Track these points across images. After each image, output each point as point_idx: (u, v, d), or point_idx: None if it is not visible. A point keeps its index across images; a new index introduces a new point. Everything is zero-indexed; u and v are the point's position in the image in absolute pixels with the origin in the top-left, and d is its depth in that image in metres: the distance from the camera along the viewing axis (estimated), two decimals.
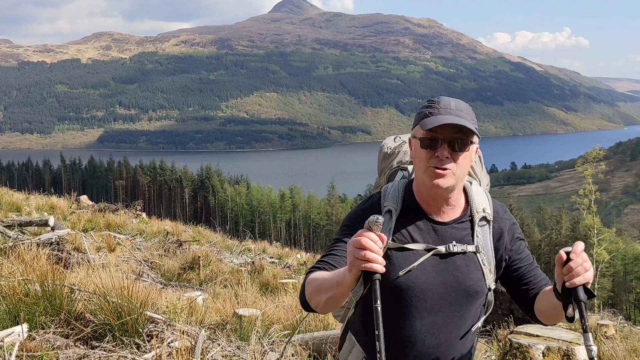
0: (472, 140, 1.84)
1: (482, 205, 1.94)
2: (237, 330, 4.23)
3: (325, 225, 78.37)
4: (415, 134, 1.88)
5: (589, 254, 42.98)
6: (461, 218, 1.92)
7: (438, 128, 1.79)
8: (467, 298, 1.89)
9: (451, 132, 1.80)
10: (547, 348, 5.07)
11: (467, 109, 1.86)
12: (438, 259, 1.88)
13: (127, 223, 12.89)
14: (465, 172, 1.87)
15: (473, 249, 1.89)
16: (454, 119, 1.78)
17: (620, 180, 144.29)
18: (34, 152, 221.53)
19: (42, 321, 3.39)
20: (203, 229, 18.72)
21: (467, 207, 1.94)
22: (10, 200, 12.10)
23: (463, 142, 1.82)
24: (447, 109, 1.82)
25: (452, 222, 1.91)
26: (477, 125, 1.89)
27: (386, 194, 1.98)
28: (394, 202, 1.94)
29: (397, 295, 1.89)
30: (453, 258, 1.88)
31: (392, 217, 1.91)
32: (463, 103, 1.87)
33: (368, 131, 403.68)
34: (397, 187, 1.99)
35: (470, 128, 1.79)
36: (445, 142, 1.80)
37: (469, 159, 1.87)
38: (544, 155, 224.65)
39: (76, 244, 7.57)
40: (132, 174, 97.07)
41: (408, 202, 1.95)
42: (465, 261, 1.89)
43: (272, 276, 9.15)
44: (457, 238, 1.89)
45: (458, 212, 1.93)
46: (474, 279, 1.88)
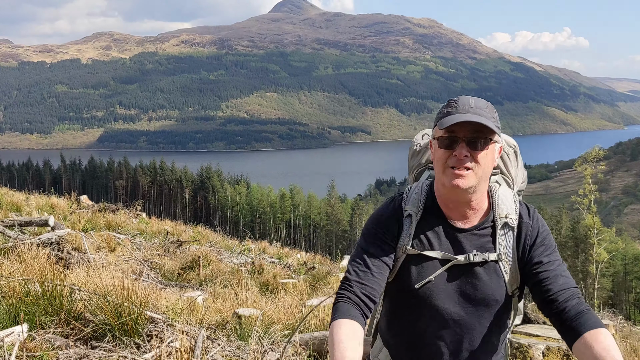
0: (493, 138, 1.77)
1: (505, 210, 1.85)
2: (237, 330, 4.23)
3: (325, 225, 78.36)
4: (435, 135, 1.82)
5: (589, 254, 43.06)
6: (483, 224, 1.85)
7: (456, 127, 1.74)
8: (487, 307, 1.83)
9: (470, 131, 1.74)
10: (547, 348, 5.07)
11: (487, 107, 1.80)
12: (458, 268, 1.82)
13: (127, 223, 12.89)
14: (487, 173, 1.79)
15: (494, 257, 1.81)
16: (472, 117, 1.72)
17: (620, 180, 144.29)
18: (34, 152, 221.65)
19: (42, 321, 3.39)
20: (203, 229, 18.72)
21: (490, 212, 1.86)
22: (11, 200, 12.10)
23: (482, 140, 1.75)
24: (466, 107, 1.76)
25: (473, 228, 1.84)
26: (498, 122, 1.82)
27: (408, 196, 1.92)
28: (415, 205, 1.89)
29: (416, 305, 1.87)
30: (474, 266, 1.82)
31: (412, 221, 1.86)
32: (483, 101, 1.81)
33: (368, 131, 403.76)
34: (420, 188, 1.93)
35: (489, 126, 1.72)
36: (464, 140, 1.74)
37: (491, 159, 1.79)
38: (544, 155, 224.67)
39: (76, 243, 7.57)
40: (132, 174, 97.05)
41: (430, 205, 1.89)
42: (486, 270, 1.82)
43: (272, 276, 9.15)
44: (477, 246, 1.83)
45: (481, 217, 1.85)
46: (494, 287, 1.82)
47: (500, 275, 1.82)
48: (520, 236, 1.84)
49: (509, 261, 1.83)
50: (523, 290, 1.93)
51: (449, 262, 1.82)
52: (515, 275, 1.85)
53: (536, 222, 1.87)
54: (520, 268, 1.84)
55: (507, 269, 1.83)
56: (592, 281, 42.00)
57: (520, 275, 1.85)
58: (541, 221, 1.88)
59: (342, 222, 76.62)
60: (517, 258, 1.84)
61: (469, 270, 1.82)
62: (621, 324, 8.59)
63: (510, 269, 1.83)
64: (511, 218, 1.84)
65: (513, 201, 1.89)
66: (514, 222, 1.84)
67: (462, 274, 1.82)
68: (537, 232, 1.85)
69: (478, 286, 1.82)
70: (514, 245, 1.84)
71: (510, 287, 1.84)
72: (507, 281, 1.83)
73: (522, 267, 1.84)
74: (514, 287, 1.86)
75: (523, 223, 1.86)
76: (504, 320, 1.89)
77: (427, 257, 1.83)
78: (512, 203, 1.88)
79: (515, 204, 1.89)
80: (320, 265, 13.41)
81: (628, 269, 50.28)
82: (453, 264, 1.82)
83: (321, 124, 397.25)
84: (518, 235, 1.85)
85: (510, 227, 1.84)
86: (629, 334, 7.43)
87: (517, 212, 1.87)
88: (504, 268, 1.82)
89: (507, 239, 1.84)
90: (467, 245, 1.83)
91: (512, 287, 1.85)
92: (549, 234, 1.87)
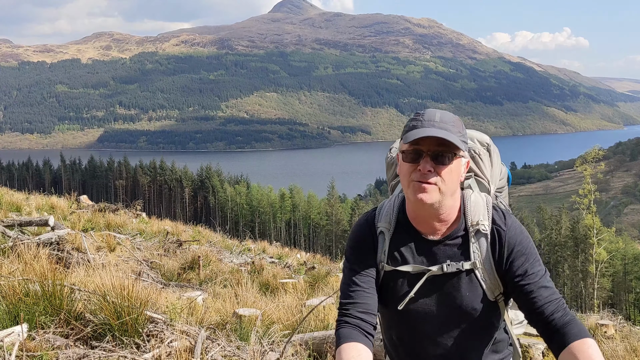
0: (458, 153, 1.74)
1: (477, 217, 1.81)
2: (237, 330, 4.23)
3: (325, 225, 78.34)
4: (400, 148, 1.79)
5: (589, 254, 43.05)
6: (455, 233, 1.82)
7: (421, 141, 1.71)
8: (468, 316, 1.81)
9: (434, 145, 1.71)
10: (547, 348, 5.07)
11: (453, 121, 1.76)
12: (436, 280, 1.81)
13: (127, 223, 12.88)
14: (452, 188, 1.76)
15: (469, 266, 1.79)
16: (437, 132, 1.69)
17: (620, 180, 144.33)
18: (34, 152, 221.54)
19: (42, 321, 3.39)
20: (203, 229, 18.71)
21: (461, 220, 1.82)
22: (11, 200, 12.09)
23: (447, 155, 1.71)
24: (431, 121, 1.73)
25: (445, 238, 1.81)
26: (465, 137, 1.79)
27: (381, 212, 1.92)
28: (387, 221, 1.88)
29: (399, 320, 1.89)
30: (450, 277, 1.80)
31: (385, 238, 1.86)
32: (450, 115, 1.77)
33: (368, 131, 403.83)
34: (393, 203, 1.92)
35: (453, 141, 1.69)
36: (428, 155, 1.71)
37: (456, 174, 1.75)
38: (544, 155, 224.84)
39: (76, 243, 7.57)
40: (132, 173, 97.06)
41: (402, 219, 1.87)
42: (462, 279, 1.80)
43: (272, 276, 9.14)
44: (451, 256, 1.80)
45: (451, 227, 1.82)
46: (472, 297, 1.80)
47: (477, 283, 1.80)
48: (495, 243, 1.80)
49: (486, 269, 1.80)
50: (509, 296, 1.87)
51: (424, 275, 1.80)
52: (496, 282, 1.81)
53: (513, 229, 1.81)
54: (500, 276, 1.80)
55: (484, 276, 1.80)
56: (591, 281, 42.02)
57: (502, 284, 1.82)
58: (518, 227, 1.82)
59: (342, 222, 76.59)
60: (495, 265, 1.80)
61: (446, 282, 1.80)
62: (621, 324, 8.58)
63: (488, 276, 1.80)
64: (483, 225, 1.80)
65: (485, 207, 1.84)
66: (486, 228, 1.80)
67: (440, 285, 1.81)
68: (516, 241, 1.79)
69: (456, 296, 1.80)
70: (489, 252, 1.80)
71: (491, 294, 1.82)
72: (486, 289, 1.80)
73: (501, 275, 1.80)
74: (497, 293, 1.83)
75: (497, 229, 1.80)
76: (490, 324, 1.87)
77: (402, 273, 1.82)
78: (484, 209, 1.83)
79: (488, 209, 1.84)
80: (320, 265, 13.41)
81: (628, 268, 50.28)
82: (429, 276, 1.80)
83: (321, 124, 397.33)
84: (492, 242, 1.80)
85: (483, 233, 1.80)
86: (628, 334, 7.42)
87: (490, 218, 1.82)
88: (481, 276, 1.79)
89: (481, 246, 1.80)
90: (440, 257, 1.81)
91: (494, 293, 1.82)
92: (528, 241, 1.81)
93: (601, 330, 7.30)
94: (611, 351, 5.49)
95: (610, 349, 5.56)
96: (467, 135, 1.89)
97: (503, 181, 2.18)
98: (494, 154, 2.10)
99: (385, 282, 1.86)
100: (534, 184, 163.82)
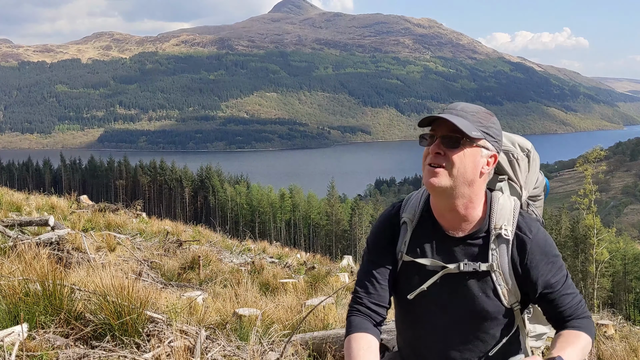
0: (475, 141, 1.73)
1: (501, 222, 1.78)
2: (237, 330, 4.24)
3: (325, 225, 78.34)
4: (419, 134, 1.82)
5: (589, 254, 43.05)
6: (477, 233, 1.80)
7: (435, 125, 1.74)
8: (480, 319, 1.80)
9: (446, 130, 1.72)
10: (547, 348, 5.06)
11: (476, 111, 1.77)
12: (451, 278, 1.80)
13: (127, 223, 12.87)
14: (467, 176, 1.73)
15: (486, 268, 1.76)
16: (447, 116, 1.70)
17: (619, 180, 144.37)
18: (34, 151, 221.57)
19: (42, 321, 3.39)
20: (203, 229, 18.70)
21: (485, 221, 1.80)
22: (11, 200, 12.09)
23: (458, 140, 1.71)
24: (452, 109, 1.76)
25: (466, 237, 1.80)
26: (488, 129, 1.77)
27: (407, 203, 1.94)
28: (412, 213, 1.89)
29: (410, 313, 1.90)
30: (465, 277, 1.78)
31: (408, 229, 1.88)
32: (475, 107, 1.78)
33: (368, 131, 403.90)
34: (420, 195, 1.93)
35: (460, 127, 1.68)
36: (439, 137, 1.73)
37: (471, 162, 1.73)
38: (544, 155, 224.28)
39: (76, 243, 7.57)
40: (132, 173, 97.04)
41: (427, 212, 1.88)
42: (479, 281, 1.78)
43: (272, 276, 9.13)
44: (470, 255, 1.79)
45: (474, 226, 1.80)
46: (486, 300, 1.77)
47: (493, 287, 1.78)
48: (517, 250, 1.78)
49: (504, 274, 1.78)
50: (526, 305, 1.88)
51: (440, 270, 1.80)
52: (514, 290, 1.79)
53: (537, 237, 1.79)
54: (520, 284, 1.79)
55: (500, 281, 1.78)
56: (591, 281, 42.01)
57: (522, 292, 1.81)
58: (543, 237, 1.80)
59: (341, 222, 76.59)
60: (514, 273, 1.78)
61: (461, 281, 1.79)
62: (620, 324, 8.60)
63: (505, 282, 1.78)
64: (506, 230, 1.78)
65: (512, 212, 1.81)
66: (509, 234, 1.78)
67: (454, 284, 1.80)
68: (540, 250, 1.78)
69: (468, 297, 1.79)
70: (510, 259, 1.77)
71: (507, 301, 1.79)
72: (503, 294, 1.78)
73: (522, 283, 1.79)
74: (513, 301, 1.81)
75: (521, 237, 1.78)
76: (501, 330, 1.84)
77: (420, 265, 1.83)
78: (510, 214, 1.81)
79: (514, 214, 1.81)
80: (320, 265, 13.41)
81: (627, 268, 50.29)
82: (445, 273, 1.80)
83: (321, 124, 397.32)
84: (514, 249, 1.78)
85: (505, 239, 1.77)
86: (628, 334, 7.43)
87: (515, 224, 1.80)
88: (497, 280, 1.77)
89: (501, 251, 1.78)
90: (459, 255, 1.80)
91: (510, 300, 1.80)
92: (553, 249, 1.81)
93: (601, 330, 7.30)
94: (611, 351, 5.50)
95: (610, 349, 5.56)
96: (501, 133, 1.86)
97: (538, 190, 2.16)
98: (533, 161, 2.09)
99: (403, 271, 1.88)
100: None
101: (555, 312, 1.78)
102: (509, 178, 2.03)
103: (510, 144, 2.06)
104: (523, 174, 2.05)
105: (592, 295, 39.62)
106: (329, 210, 77.55)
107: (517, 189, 2.03)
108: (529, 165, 2.08)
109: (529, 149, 2.08)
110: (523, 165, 2.05)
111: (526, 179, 2.06)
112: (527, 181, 2.07)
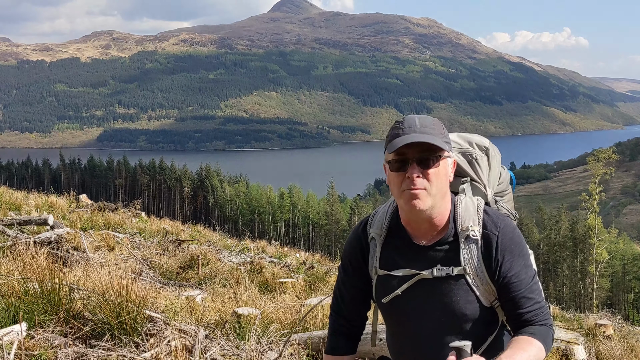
0: (442, 154, 1.75)
1: (467, 223, 1.80)
2: (236, 330, 4.24)
3: (325, 224, 78.31)
4: (386, 158, 1.80)
5: (589, 254, 43.01)
6: (446, 238, 1.81)
7: (405, 148, 1.72)
8: (460, 321, 1.81)
9: (419, 151, 1.73)
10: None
11: (433, 124, 1.77)
12: (426, 284, 1.81)
13: (126, 222, 12.86)
14: (442, 190, 1.77)
15: (459, 271, 1.78)
16: (419, 137, 1.71)
17: (619, 181, 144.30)
18: (33, 151, 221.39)
19: (41, 320, 3.38)
20: (202, 228, 18.72)
21: (451, 225, 1.82)
22: (10, 199, 12.09)
23: (432, 158, 1.73)
24: (412, 127, 1.74)
25: (435, 244, 1.82)
26: (447, 137, 1.81)
27: (374, 219, 1.96)
28: (379, 227, 1.92)
29: (394, 322, 1.93)
30: (440, 282, 1.80)
31: (377, 244, 1.90)
32: (429, 118, 1.79)
33: (367, 131, 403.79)
34: (387, 210, 1.95)
35: (436, 144, 1.71)
36: (414, 161, 1.72)
37: (444, 174, 1.76)
38: (543, 155, 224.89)
39: (75, 242, 7.57)
40: (131, 173, 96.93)
41: (394, 225, 1.90)
42: (453, 285, 1.79)
43: (271, 275, 9.14)
44: (441, 260, 1.80)
45: (441, 232, 1.82)
46: (463, 302, 1.79)
47: (468, 289, 1.79)
48: (486, 248, 1.79)
49: (478, 274, 1.79)
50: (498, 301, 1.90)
51: (414, 277, 1.82)
52: (490, 288, 1.81)
53: (504, 233, 1.80)
54: (493, 282, 1.80)
55: (476, 281, 1.79)
56: (590, 281, 42.04)
57: (496, 290, 1.82)
58: (510, 232, 1.81)
59: (341, 222, 76.56)
60: (487, 271, 1.79)
61: (437, 286, 1.80)
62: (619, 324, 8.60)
63: (480, 282, 1.79)
64: (473, 230, 1.79)
65: (476, 211, 1.83)
66: (476, 233, 1.79)
67: (429, 290, 1.81)
68: (506, 246, 1.79)
69: (446, 301, 1.80)
70: (480, 258, 1.79)
71: (485, 300, 1.81)
72: (479, 295, 1.80)
73: (493, 280, 1.80)
74: (492, 299, 1.83)
75: (487, 234, 1.80)
76: (484, 330, 1.85)
77: (394, 277, 1.85)
78: (475, 214, 1.83)
79: (479, 213, 1.83)
80: (319, 265, 13.42)
81: (627, 269, 50.32)
82: (419, 280, 1.81)
83: (321, 124, 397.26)
84: (484, 248, 1.79)
85: (473, 239, 1.79)
86: (627, 334, 7.44)
87: (481, 223, 1.81)
88: (473, 281, 1.79)
89: (472, 252, 1.79)
90: (431, 261, 1.81)
91: (489, 299, 1.82)
92: (519, 246, 1.81)
93: (600, 330, 7.31)
94: (609, 351, 5.50)
95: (609, 349, 5.57)
96: (463, 137, 1.94)
97: (503, 185, 2.17)
98: (493, 157, 2.11)
99: (379, 283, 1.90)
100: (533, 184, 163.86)
101: (514, 314, 1.78)
102: (471, 179, 2.05)
103: (468, 144, 2.08)
104: (485, 173, 2.07)
105: (592, 295, 39.65)
106: (328, 210, 77.53)
107: (480, 188, 2.05)
108: (490, 163, 2.10)
109: (487, 147, 2.11)
110: (483, 164, 2.07)
111: (488, 176, 2.08)
112: (490, 179, 2.09)
